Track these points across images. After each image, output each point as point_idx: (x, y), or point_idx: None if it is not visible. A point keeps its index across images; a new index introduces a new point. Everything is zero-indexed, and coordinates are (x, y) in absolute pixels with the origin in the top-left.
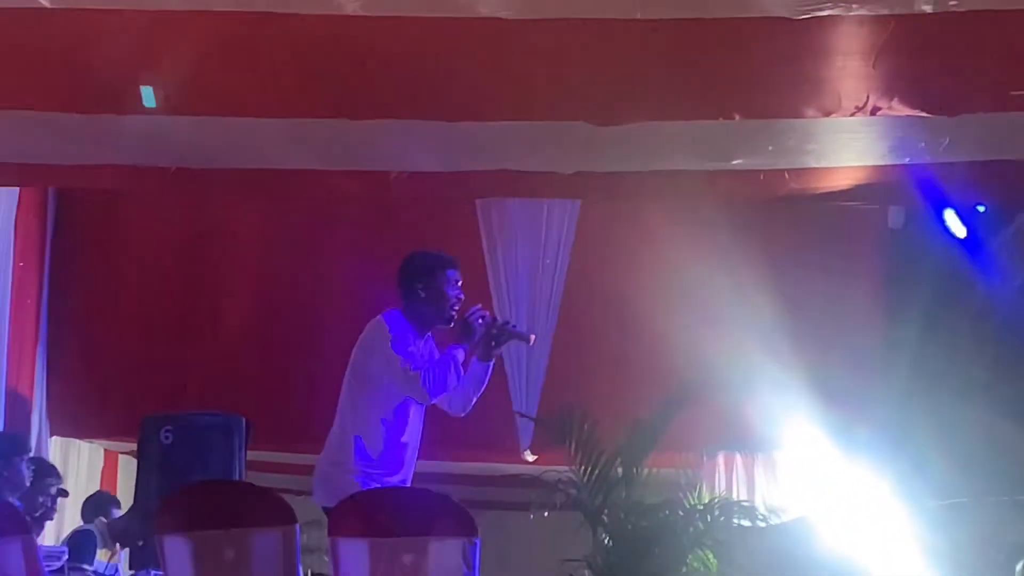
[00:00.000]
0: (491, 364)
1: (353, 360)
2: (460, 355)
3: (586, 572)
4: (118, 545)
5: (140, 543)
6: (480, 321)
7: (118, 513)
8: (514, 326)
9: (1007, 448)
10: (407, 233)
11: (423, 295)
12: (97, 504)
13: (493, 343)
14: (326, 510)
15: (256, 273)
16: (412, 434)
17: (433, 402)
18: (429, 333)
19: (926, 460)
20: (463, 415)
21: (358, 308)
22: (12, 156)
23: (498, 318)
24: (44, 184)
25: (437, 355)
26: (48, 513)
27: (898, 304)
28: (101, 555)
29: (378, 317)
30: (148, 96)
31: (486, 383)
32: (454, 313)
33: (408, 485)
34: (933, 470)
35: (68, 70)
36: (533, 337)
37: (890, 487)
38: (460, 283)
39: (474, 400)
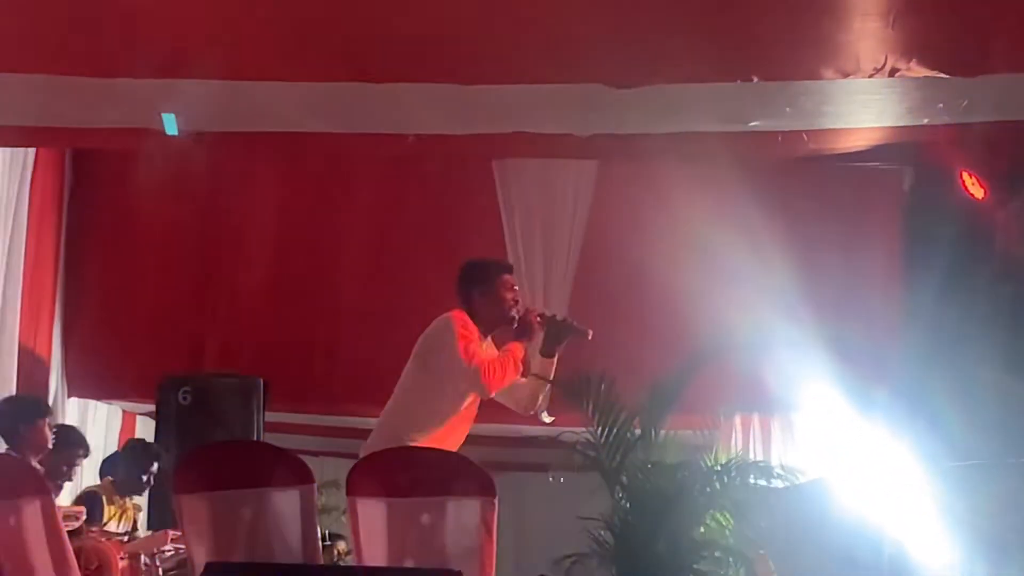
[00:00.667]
0: (554, 360)
1: (417, 352)
2: (519, 351)
3: (604, 532)
4: (127, 500)
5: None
6: (538, 319)
7: (156, 466)
8: (572, 322)
9: None
10: (424, 196)
11: (481, 300)
12: (140, 454)
13: (554, 340)
14: None
15: (274, 235)
16: (458, 432)
17: (494, 397)
18: (490, 336)
19: (944, 421)
20: (531, 414)
21: (375, 270)
22: (28, 118)
23: (557, 316)
24: (60, 146)
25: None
26: (68, 477)
27: (915, 265)
28: (109, 513)
29: (446, 315)
30: (170, 123)
31: (551, 377)
32: (513, 315)
33: None
34: (951, 432)
35: (83, 33)
36: (590, 332)
37: (907, 448)
38: (516, 286)
39: (540, 398)
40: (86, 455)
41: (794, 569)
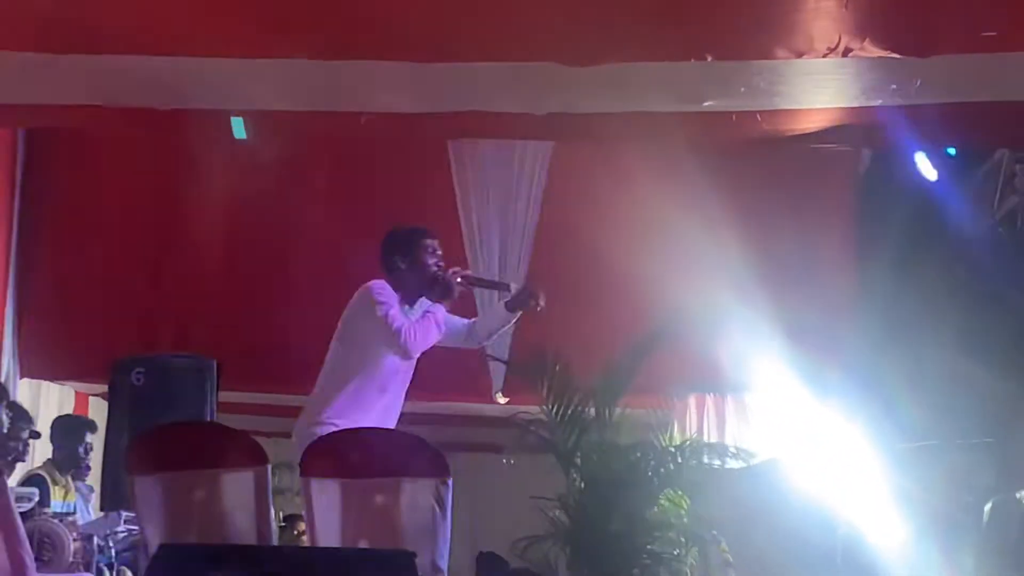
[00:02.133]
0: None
1: (340, 325)
2: (439, 312)
3: (558, 512)
4: (69, 479)
5: None
6: (459, 280)
7: (91, 438)
8: (494, 279)
9: (977, 391)
10: (379, 175)
11: (403, 267)
12: (70, 428)
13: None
14: None
15: (228, 215)
16: (393, 398)
17: (416, 356)
18: (418, 302)
19: (897, 402)
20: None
21: (329, 251)
22: None
23: (474, 274)
24: (13, 124)
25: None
26: (20, 456)
27: (869, 247)
28: (55, 494)
29: (366, 284)
30: (239, 127)
31: (511, 324)
32: (436, 278)
33: None
34: (904, 412)
35: (37, 9)
36: (513, 285)
37: (861, 429)
38: (439, 251)
39: (496, 335)
40: (31, 427)
41: (748, 549)
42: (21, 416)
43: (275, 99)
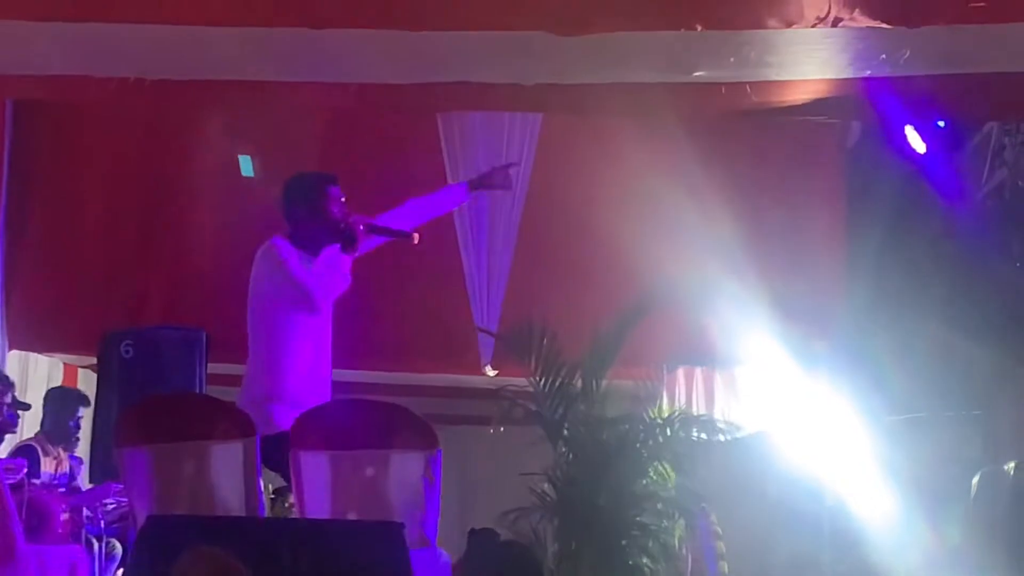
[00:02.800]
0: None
1: (251, 291)
2: (346, 263)
3: (546, 485)
4: (61, 450)
5: None
6: (361, 228)
7: (83, 411)
8: (395, 229)
9: (964, 364)
10: (368, 148)
11: (307, 216)
12: (64, 400)
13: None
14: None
15: (216, 187)
16: (321, 355)
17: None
18: (323, 251)
19: (885, 375)
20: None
21: None
22: None
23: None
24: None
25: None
26: (7, 426)
27: (858, 220)
28: (45, 465)
29: (267, 245)
30: (246, 165)
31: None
32: (340, 228)
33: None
34: (891, 385)
35: None
36: (416, 236)
37: (849, 402)
38: (343, 198)
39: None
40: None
41: (736, 520)
42: (2, 382)
43: (265, 68)
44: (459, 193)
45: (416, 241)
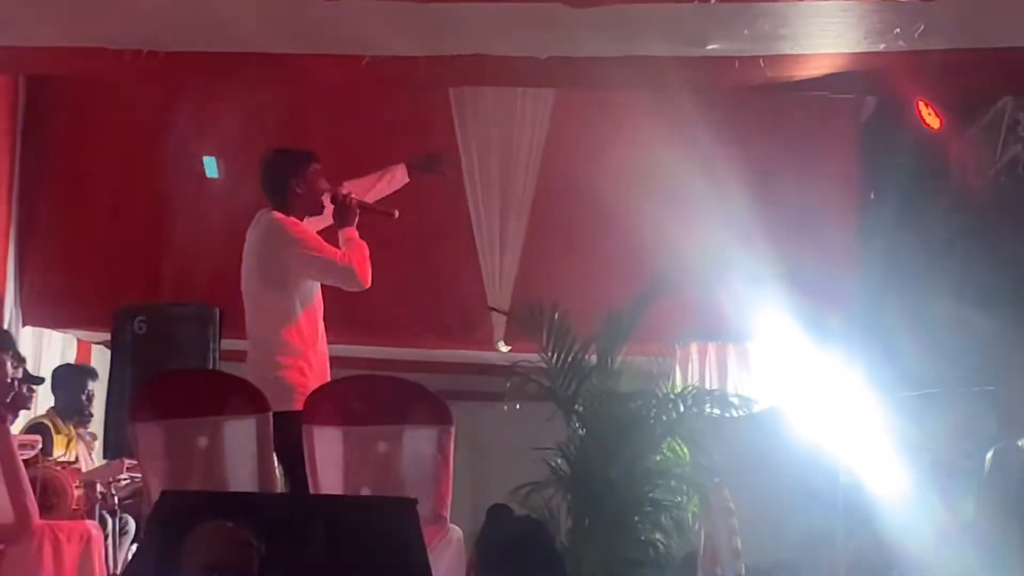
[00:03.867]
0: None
1: (260, 265)
2: (356, 235)
3: (559, 461)
4: (72, 427)
5: None
6: (354, 201)
7: (92, 386)
8: (380, 209)
9: (978, 339)
10: (381, 124)
11: (296, 190)
12: (72, 376)
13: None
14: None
15: (230, 161)
16: (322, 329)
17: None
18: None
19: (898, 350)
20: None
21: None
22: None
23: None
24: (12, 70)
25: None
26: (21, 401)
27: (871, 194)
28: (58, 442)
29: (271, 220)
30: (211, 167)
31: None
32: (340, 201)
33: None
34: (905, 360)
35: None
36: (396, 212)
37: (862, 377)
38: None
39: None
40: (34, 377)
41: (750, 496)
42: (15, 358)
43: (275, 40)
44: (400, 175)
45: (396, 216)
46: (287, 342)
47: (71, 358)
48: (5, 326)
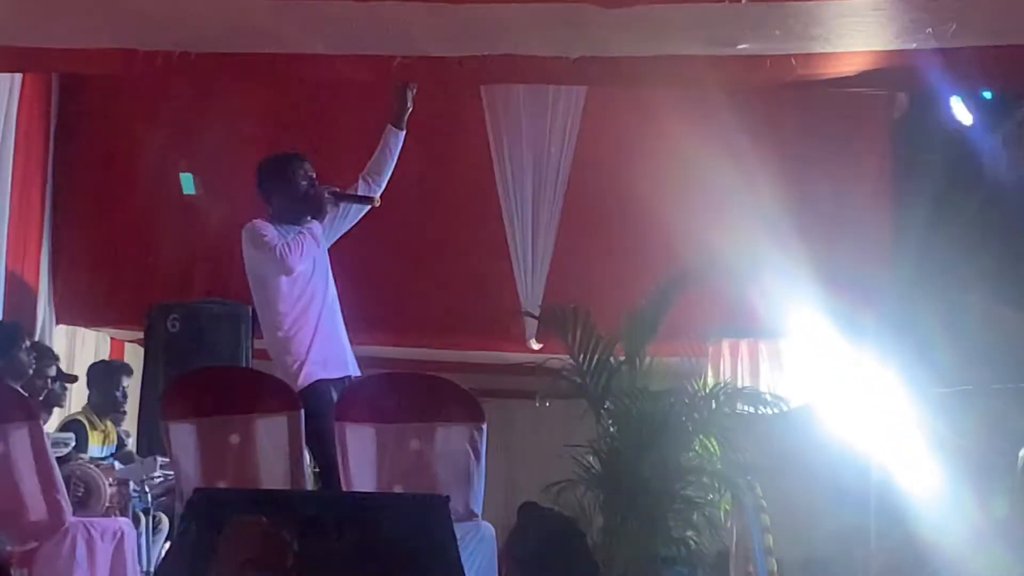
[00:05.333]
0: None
1: (247, 269)
2: (316, 228)
3: (591, 458)
4: (108, 423)
5: None
6: (327, 195)
7: (127, 382)
8: (359, 195)
9: (1012, 336)
10: (413, 123)
11: (280, 191)
12: (106, 373)
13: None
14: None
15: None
16: (330, 312)
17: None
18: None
19: (931, 348)
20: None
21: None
22: (12, 39)
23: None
24: (45, 69)
25: None
26: (54, 399)
27: (905, 192)
28: (93, 438)
29: (247, 225)
30: (187, 183)
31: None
32: (307, 196)
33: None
34: (938, 357)
35: None
36: (378, 201)
37: (895, 375)
38: (311, 172)
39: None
40: (55, 363)
41: (781, 494)
42: (45, 354)
43: (309, 41)
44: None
45: (378, 204)
46: (293, 337)
47: (105, 356)
48: (39, 325)
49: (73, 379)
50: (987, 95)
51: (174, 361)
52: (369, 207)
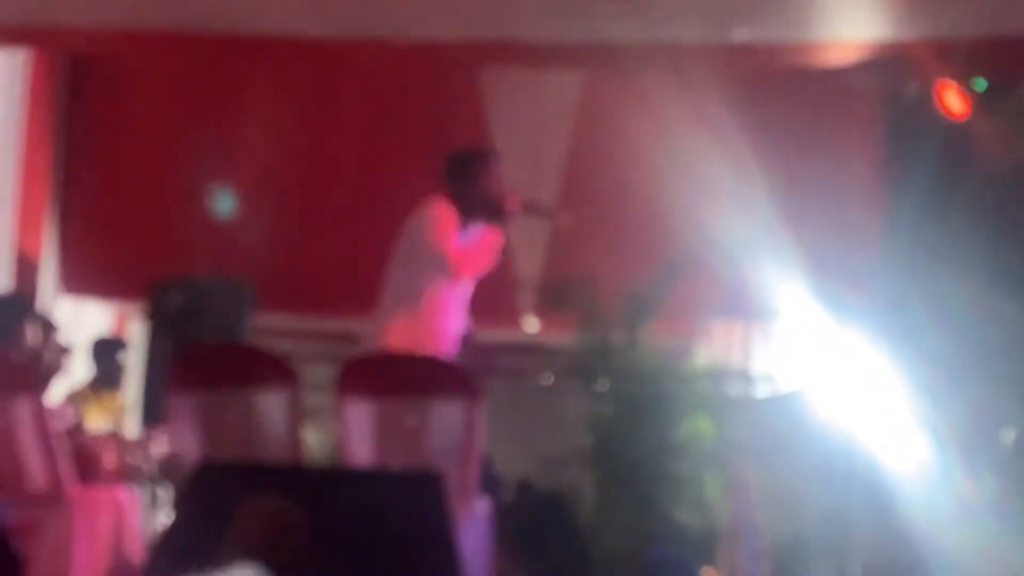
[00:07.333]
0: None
1: (400, 246)
2: (496, 237)
3: (585, 437)
4: (110, 397)
5: None
6: (517, 206)
7: (126, 356)
8: (545, 207)
9: (1001, 321)
10: (411, 106)
11: (464, 190)
12: (106, 347)
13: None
14: None
15: (264, 138)
16: (452, 322)
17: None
18: (477, 224)
19: (922, 331)
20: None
21: (364, 176)
22: (18, 16)
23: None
24: (53, 48)
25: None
26: (56, 371)
27: (897, 178)
28: (95, 411)
29: (426, 206)
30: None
31: None
32: (492, 202)
33: None
34: (929, 342)
35: None
36: (566, 217)
37: (885, 358)
38: (501, 175)
39: None
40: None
41: (773, 475)
42: (47, 326)
43: (308, 25)
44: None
45: (566, 222)
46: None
47: (107, 330)
48: (43, 296)
49: (71, 351)
50: (981, 84)
51: (176, 335)
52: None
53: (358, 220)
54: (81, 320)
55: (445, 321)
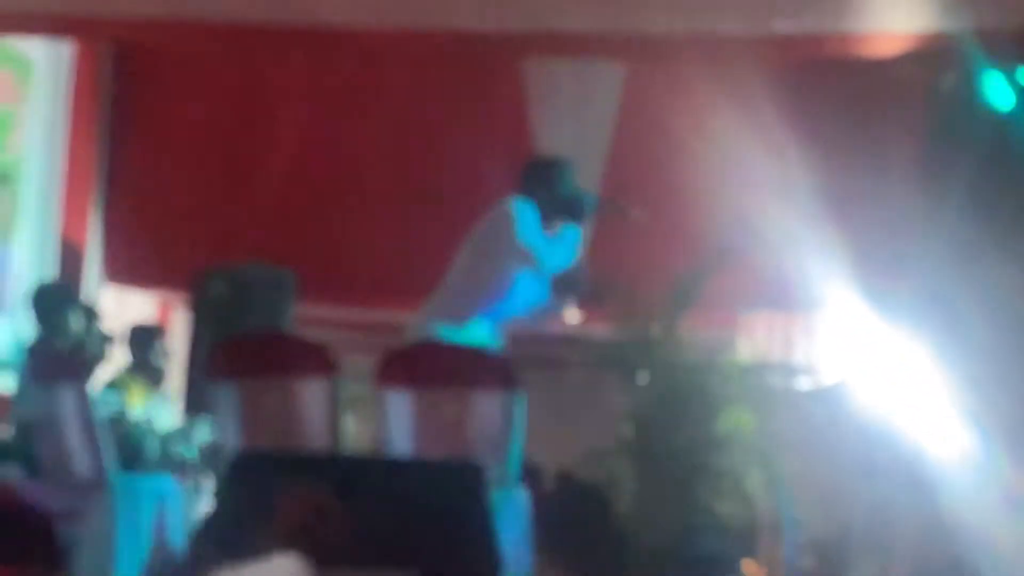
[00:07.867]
0: None
1: (471, 238)
2: (576, 235)
3: (625, 428)
4: (152, 384)
5: None
6: (591, 202)
7: (167, 345)
8: (617, 204)
9: None
10: (454, 97)
11: (548, 197)
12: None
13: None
14: None
15: (306, 128)
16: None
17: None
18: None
19: (965, 322)
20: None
21: (407, 167)
22: (65, 7)
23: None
24: (97, 38)
25: None
26: (100, 359)
27: (941, 169)
28: (138, 399)
29: (504, 201)
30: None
31: None
32: (569, 201)
33: None
34: (972, 334)
35: None
36: (637, 213)
37: (928, 349)
38: (576, 180)
39: None
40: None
41: (814, 469)
42: (90, 315)
43: (352, 16)
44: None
45: (642, 219)
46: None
47: (150, 319)
48: (87, 286)
49: (113, 339)
50: None
51: (219, 324)
52: None
53: (400, 212)
54: (125, 309)
55: (514, 314)
